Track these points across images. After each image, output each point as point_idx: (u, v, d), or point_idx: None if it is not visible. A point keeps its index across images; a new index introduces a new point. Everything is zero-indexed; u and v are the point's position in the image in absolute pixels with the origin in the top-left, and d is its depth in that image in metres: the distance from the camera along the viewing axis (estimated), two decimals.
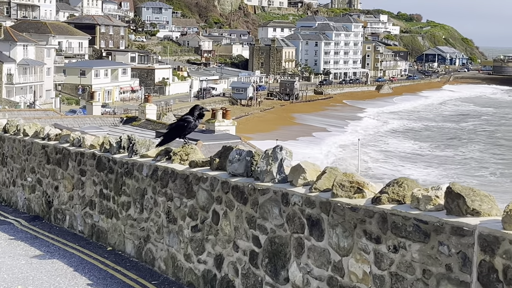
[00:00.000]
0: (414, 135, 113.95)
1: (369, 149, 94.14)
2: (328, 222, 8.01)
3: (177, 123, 11.67)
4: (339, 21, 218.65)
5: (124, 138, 13.28)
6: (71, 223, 15.01)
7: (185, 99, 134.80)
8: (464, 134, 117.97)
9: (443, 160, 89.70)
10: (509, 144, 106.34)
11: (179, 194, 11.00)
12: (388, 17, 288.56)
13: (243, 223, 9.51)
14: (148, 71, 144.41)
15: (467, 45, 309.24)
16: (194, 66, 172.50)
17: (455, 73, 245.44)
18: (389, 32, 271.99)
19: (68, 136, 15.52)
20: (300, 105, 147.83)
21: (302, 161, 8.86)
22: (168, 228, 11.33)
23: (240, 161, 9.75)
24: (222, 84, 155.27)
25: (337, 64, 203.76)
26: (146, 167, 12.02)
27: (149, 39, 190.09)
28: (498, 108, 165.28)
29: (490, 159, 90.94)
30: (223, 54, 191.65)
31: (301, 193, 8.45)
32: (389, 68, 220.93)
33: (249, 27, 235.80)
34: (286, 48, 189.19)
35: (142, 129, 57.58)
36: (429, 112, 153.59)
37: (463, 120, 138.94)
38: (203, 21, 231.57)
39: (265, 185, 9.11)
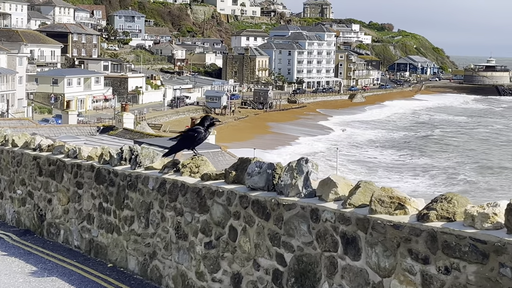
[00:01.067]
0: (391, 144, 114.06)
1: (343, 158, 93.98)
2: (366, 240, 7.52)
3: (187, 133, 11.13)
4: (312, 30, 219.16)
5: (125, 149, 12.70)
6: (66, 237, 14.36)
7: (159, 108, 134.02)
8: (438, 142, 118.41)
9: (425, 169, 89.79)
10: (482, 150, 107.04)
11: (191, 208, 10.46)
12: (360, 27, 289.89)
13: (265, 240, 8.98)
14: (121, 79, 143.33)
15: (438, 54, 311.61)
16: (167, 74, 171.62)
17: (426, 82, 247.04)
18: (361, 41, 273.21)
19: (62, 147, 14.88)
20: (274, 114, 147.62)
21: (331, 174, 8.37)
22: (178, 244, 10.77)
23: (260, 174, 9.23)
24: (195, 93, 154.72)
25: (310, 73, 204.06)
26: (152, 179, 11.45)
27: (122, 48, 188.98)
28: (470, 117, 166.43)
29: (465, 165, 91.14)
30: (197, 63, 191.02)
31: (334, 208, 7.95)
32: (362, 77, 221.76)
33: (222, 36, 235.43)
34: (259, 57, 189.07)
35: (119, 138, 56.85)
36: (403, 121, 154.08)
37: (436, 128, 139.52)
38: (176, 29, 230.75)
39: (290, 200, 8.60)
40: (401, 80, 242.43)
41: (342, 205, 7.93)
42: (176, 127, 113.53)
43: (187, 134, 11.08)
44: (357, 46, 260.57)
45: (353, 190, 7.96)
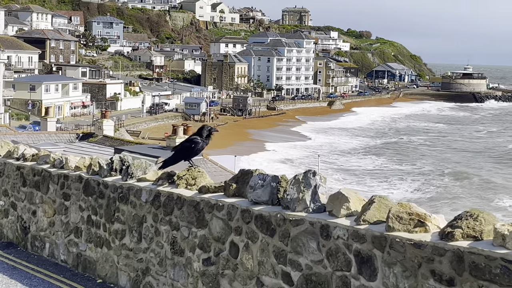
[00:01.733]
0: (373, 151, 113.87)
1: (327, 166, 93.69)
2: (382, 260, 7.06)
3: (184, 144, 10.60)
4: (291, 37, 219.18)
5: (116, 159, 12.15)
6: (51, 251, 13.76)
7: (138, 115, 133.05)
8: (417, 149, 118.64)
9: (407, 175, 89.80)
10: (458, 155, 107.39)
11: (187, 222, 9.95)
12: (339, 34, 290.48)
13: (269, 257, 8.49)
14: (99, 86, 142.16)
15: (415, 61, 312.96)
16: (146, 81, 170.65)
17: (404, 89, 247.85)
18: (339, 48, 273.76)
19: (48, 156, 14.30)
20: (253, 121, 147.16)
21: (342, 188, 7.91)
22: (173, 260, 10.25)
23: (264, 187, 8.75)
24: (174, 99, 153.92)
25: (289, 80, 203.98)
26: (145, 192, 10.93)
27: (100, 54, 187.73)
28: (448, 124, 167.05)
29: (442, 172, 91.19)
30: (175, 69, 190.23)
31: (346, 225, 7.49)
32: (341, 84, 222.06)
33: (201, 43, 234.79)
34: (238, 64, 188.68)
35: (99, 145, 56.14)
36: (383, 128, 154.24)
37: (414, 135, 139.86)
38: (154, 36, 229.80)
39: (298, 215, 8.13)
40: (380, 87, 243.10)
41: (356, 221, 7.47)
42: (155, 134, 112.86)
43: (184, 145, 10.56)
44: (336, 53, 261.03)
45: (366, 206, 7.51)
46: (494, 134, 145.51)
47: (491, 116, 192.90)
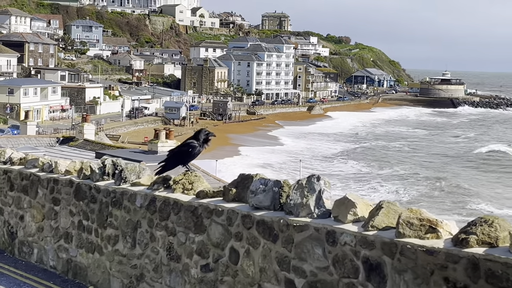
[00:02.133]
0: (352, 156, 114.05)
1: (309, 171, 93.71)
2: (392, 267, 6.90)
3: (180, 148, 10.37)
4: (271, 42, 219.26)
5: (108, 163, 11.92)
6: (40, 257, 13.49)
7: (117, 119, 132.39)
8: (396, 154, 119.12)
9: (391, 179, 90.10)
10: (441, 162, 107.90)
11: (185, 228, 9.74)
12: (318, 39, 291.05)
13: (272, 263, 8.31)
14: (78, 90, 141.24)
15: (394, 67, 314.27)
16: (125, 85, 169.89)
17: (383, 94, 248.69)
18: (319, 53, 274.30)
19: (36, 160, 14.04)
20: (233, 126, 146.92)
21: (348, 193, 7.75)
22: (169, 266, 10.03)
23: (265, 192, 8.57)
24: (154, 103, 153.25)
25: (269, 85, 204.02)
26: (140, 196, 10.71)
27: (79, 58, 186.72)
28: (427, 129, 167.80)
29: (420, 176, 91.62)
30: (155, 73, 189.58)
31: (354, 231, 7.32)
32: (320, 89, 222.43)
33: (181, 47, 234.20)
34: (218, 68, 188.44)
35: (80, 149, 55.69)
36: (362, 133, 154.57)
37: (393, 140, 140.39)
38: (134, 40, 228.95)
39: (302, 220, 7.95)
40: (359, 93, 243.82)
41: (363, 227, 7.31)
42: (134, 138, 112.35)
43: (181, 149, 10.33)
44: (315, 59, 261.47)
45: (374, 211, 7.35)
46: (472, 139, 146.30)
47: (469, 122, 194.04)
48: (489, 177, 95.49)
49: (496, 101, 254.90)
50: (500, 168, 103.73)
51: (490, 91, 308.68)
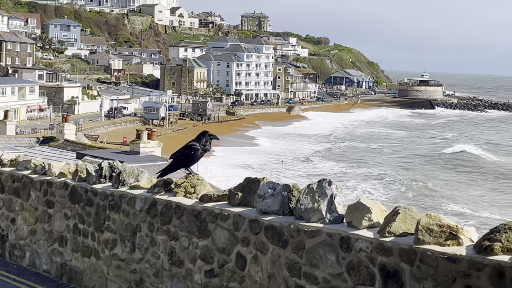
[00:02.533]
0: (331, 157, 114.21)
1: (294, 172, 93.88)
2: (411, 274, 6.75)
3: (182, 151, 10.16)
4: (250, 43, 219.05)
5: (105, 165, 11.69)
6: (32, 261, 13.21)
7: (96, 119, 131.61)
8: (374, 154, 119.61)
9: (369, 179, 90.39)
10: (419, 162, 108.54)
11: (188, 232, 9.55)
12: (297, 40, 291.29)
13: (281, 270, 8.14)
14: (56, 89, 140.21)
15: (373, 68, 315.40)
16: (104, 85, 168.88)
17: (362, 95, 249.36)
18: (298, 54, 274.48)
19: (28, 162, 13.76)
20: (213, 126, 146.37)
21: (362, 198, 7.60)
22: (171, 271, 9.83)
23: (274, 196, 8.39)
24: (133, 103, 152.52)
25: (248, 85, 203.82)
26: (140, 200, 10.49)
27: (57, 57, 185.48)
28: (406, 130, 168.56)
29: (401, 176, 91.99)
30: (134, 73, 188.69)
31: (370, 237, 7.17)
32: (299, 90, 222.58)
33: (160, 47, 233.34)
34: (197, 69, 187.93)
35: (61, 150, 55.17)
36: (342, 134, 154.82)
37: (372, 141, 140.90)
38: (112, 39, 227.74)
39: (314, 226, 7.79)
40: (338, 93, 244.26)
41: (379, 233, 7.16)
42: (113, 138, 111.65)
43: (183, 152, 10.12)
44: (294, 59, 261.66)
45: (390, 217, 7.21)
46: (450, 140, 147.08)
47: (447, 123, 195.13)
48: (464, 178, 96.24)
49: (474, 103, 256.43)
50: (472, 169, 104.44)
51: (468, 93, 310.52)
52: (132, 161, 47.53)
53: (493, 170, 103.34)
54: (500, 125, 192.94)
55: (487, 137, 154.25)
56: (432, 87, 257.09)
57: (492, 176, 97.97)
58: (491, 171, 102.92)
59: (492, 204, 77.71)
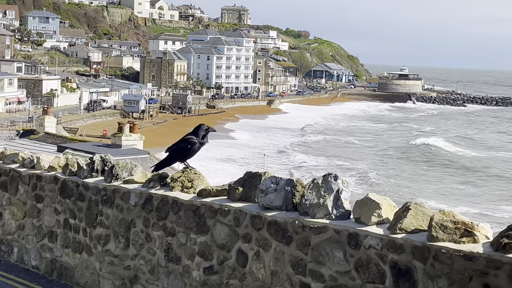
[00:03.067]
0: (309, 151, 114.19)
1: (277, 165, 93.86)
2: (424, 272, 6.55)
3: (179, 144, 9.87)
4: (231, 36, 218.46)
5: (97, 159, 11.40)
6: (20, 256, 12.90)
7: (75, 111, 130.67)
8: (353, 147, 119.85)
9: (347, 171, 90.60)
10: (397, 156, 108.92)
11: (185, 228, 9.29)
12: (277, 33, 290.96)
13: (285, 267, 7.91)
14: (35, 82, 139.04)
15: (352, 62, 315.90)
16: (83, 77, 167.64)
17: (342, 89, 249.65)
18: (278, 47, 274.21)
19: (16, 155, 13.44)
20: (193, 119, 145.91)
21: (370, 193, 7.38)
22: (167, 268, 9.57)
23: (277, 191, 8.16)
24: (113, 96, 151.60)
25: (229, 78, 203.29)
26: (134, 194, 10.21)
27: (36, 49, 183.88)
28: (387, 123, 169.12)
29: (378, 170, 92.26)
30: (113, 66, 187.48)
31: (380, 234, 6.96)
32: (280, 84, 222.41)
33: (140, 39, 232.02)
34: (178, 61, 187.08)
35: (41, 143, 54.65)
36: (322, 127, 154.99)
37: (351, 135, 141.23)
38: (92, 32, 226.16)
39: (320, 222, 7.57)
40: (318, 87, 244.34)
41: (390, 229, 6.95)
42: (93, 131, 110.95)
43: (179, 146, 9.83)
44: (275, 53, 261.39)
45: (400, 213, 6.99)
46: (428, 133, 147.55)
47: (427, 116, 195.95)
48: (436, 173, 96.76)
49: (452, 97, 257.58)
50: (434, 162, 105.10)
51: (447, 87, 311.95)
52: (114, 154, 47.17)
53: (457, 163, 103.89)
54: (477, 119, 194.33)
55: (460, 131, 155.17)
56: (412, 81, 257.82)
57: (460, 171, 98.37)
58: (454, 163, 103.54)
59: (463, 197, 78.22)
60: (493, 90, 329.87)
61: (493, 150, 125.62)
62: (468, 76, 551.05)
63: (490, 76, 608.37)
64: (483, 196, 79.56)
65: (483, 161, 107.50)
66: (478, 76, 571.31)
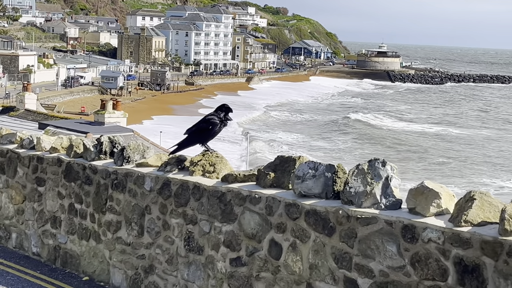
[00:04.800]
0: (294, 129, 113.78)
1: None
2: (495, 270, 5.93)
3: (200, 125, 9.11)
4: (209, 12, 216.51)
5: (105, 140, 10.66)
6: (19, 242, 12.16)
7: (52, 88, 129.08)
8: (337, 125, 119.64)
9: (321, 150, 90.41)
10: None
11: (208, 216, 8.61)
12: (256, 10, 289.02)
13: (326, 260, 7.28)
14: (11, 57, 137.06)
15: (331, 39, 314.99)
16: (60, 53, 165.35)
17: (321, 66, 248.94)
18: (257, 24, 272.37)
19: (13, 135, 12.65)
20: (172, 96, 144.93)
21: (426, 181, 6.73)
22: (188, 258, 8.90)
23: (316, 178, 7.50)
24: (90, 73, 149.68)
25: (207, 55, 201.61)
26: (150, 179, 9.49)
27: (11, 25, 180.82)
28: (365, 99, 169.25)
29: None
30: (90, 42, 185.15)
31: (441, 226, 6.33)
32: (258, 60, 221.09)
33: (117, 15, 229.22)
34: (156, 38, 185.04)
35: (21, 119, 53.45)
36: (303, 104, 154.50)
37: (331, 112, 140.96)
38: (68, 7, 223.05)
39: (368, 212, 6.92)
40: (297, 64, 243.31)
41: (452, 222, 6.32)
42: (70, 108, 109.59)
43: (200, 126, 9.08)
44: (253, 29, 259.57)
45: (463, 203, 6.36)
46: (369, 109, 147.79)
47: (405, 93, 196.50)
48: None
49: (430, 74, 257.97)
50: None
51: (425, 64, 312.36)
52: (97, 131, 46.17)
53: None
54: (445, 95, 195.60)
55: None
56: (390, 58, 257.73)
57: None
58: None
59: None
60: (471, 67, 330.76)
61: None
62: (446, 54, 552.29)
63: (470, 54, 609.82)
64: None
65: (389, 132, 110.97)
66: (456, 54, 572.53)
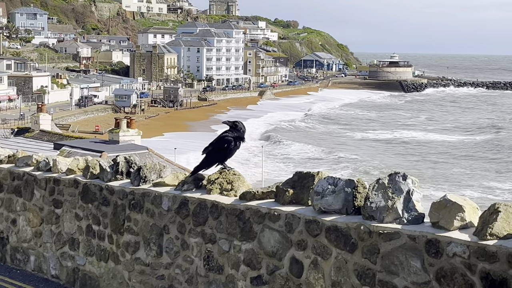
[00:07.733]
0: (306, 140, 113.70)
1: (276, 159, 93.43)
2: None
3: (215, 144, 8.99)
4: (220, 28, 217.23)
5: (121, 160, 10.60)
6: (38, 265, 12.10)
7: (66, 108, 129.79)
8: (346, 138, 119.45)
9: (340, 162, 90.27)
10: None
11: (228, 234, 8.52)
12: (266, 24, 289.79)
13: (349, 277, 7.16)
14: (25, 79, 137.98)
15: (342, 51, 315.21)
16: (73, 73, 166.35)
17: (333, 78, 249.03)
18: (267, 38, 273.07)
19: (29, 158, 12.61)
20: (185, 112, 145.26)
21: (449, 194, 6.62)
22: (208, 278, 8.81)
23: (336, 193, 7.39)
24: (104, 91, 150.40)
25: (219, 70, 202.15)
26: (167, 198, 9.42)
27: (24, 46, 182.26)
28: (379, 111, 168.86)
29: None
30: (103, 61, 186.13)
31: (466, 240, 6.21)
32: (270, 74, 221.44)
33: (129, 33, 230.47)
34: (167, 55, 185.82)
35: (37, 141, 53.72)
36: (317, 116, 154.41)
37: (343, 124, 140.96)
38: (80, 27, 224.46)
39: (390, 227, 6.81)
40: (309, 77, 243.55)
41: (477, 235, 6.19)
42: (85, 127, 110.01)
43: (215, 145, 8.96)
44: (264, 43, 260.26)
45: (488, 216, 6.24)
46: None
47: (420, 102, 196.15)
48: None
49: (443, 82, 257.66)
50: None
51: (437, 73, 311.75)
52: (112, 150, 46.29)
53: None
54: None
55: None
56: (402, 68, 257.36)
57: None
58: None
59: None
60: (483, 75, 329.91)
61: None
62: (458, 62, 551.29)
63: (482, 61, 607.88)
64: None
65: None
66: (468, 62, 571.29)
